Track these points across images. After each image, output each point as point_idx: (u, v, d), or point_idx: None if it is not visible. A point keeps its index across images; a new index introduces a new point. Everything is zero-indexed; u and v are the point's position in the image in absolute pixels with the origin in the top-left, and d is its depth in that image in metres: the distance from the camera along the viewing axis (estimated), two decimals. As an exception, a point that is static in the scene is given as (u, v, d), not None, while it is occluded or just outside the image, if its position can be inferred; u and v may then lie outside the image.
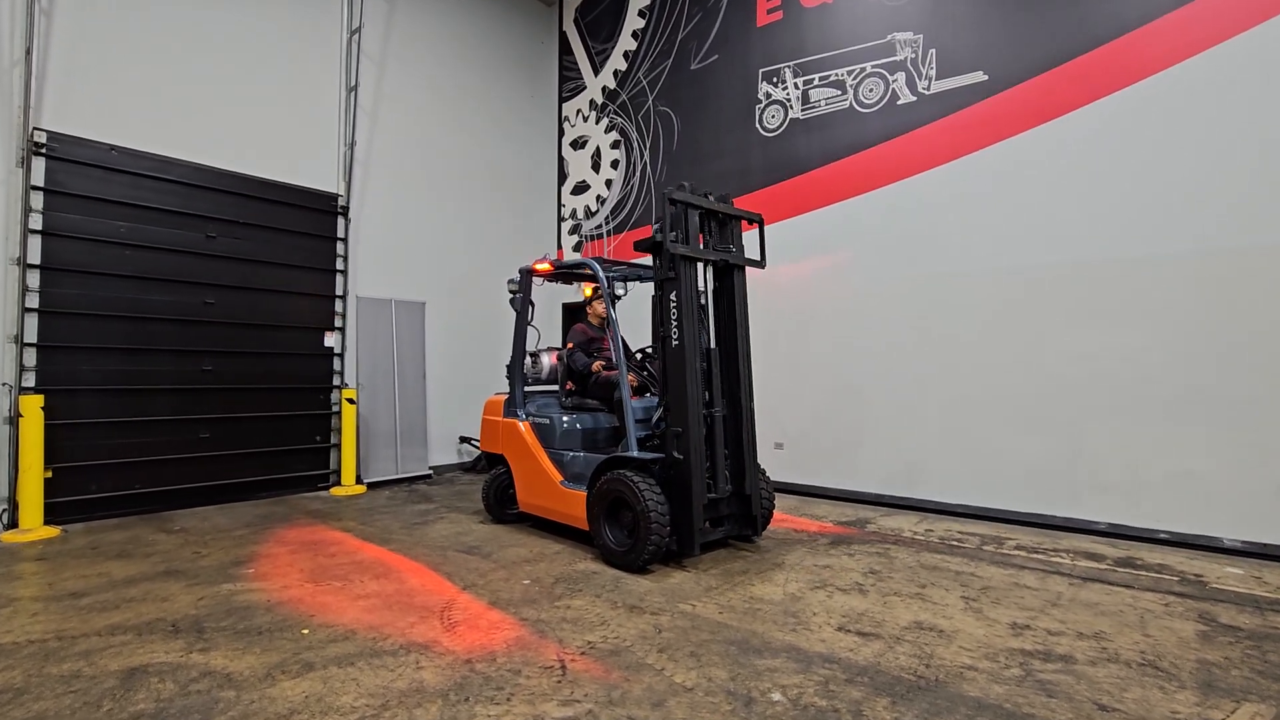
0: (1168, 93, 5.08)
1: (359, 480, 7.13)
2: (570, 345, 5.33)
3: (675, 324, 4.02)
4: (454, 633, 3.26)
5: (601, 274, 4.74)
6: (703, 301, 4.37)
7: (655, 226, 4.17)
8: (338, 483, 7.08)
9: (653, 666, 2.90)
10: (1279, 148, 4.65)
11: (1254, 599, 3.80)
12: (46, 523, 5.18)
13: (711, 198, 4.38)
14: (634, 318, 5.97)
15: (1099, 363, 5.32)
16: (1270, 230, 4.66)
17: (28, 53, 5.23)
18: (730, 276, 4.53)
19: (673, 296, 4.02)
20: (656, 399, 5.04)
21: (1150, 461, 5.09)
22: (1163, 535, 4.99)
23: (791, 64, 7.23)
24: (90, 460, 5.55)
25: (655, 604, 3.67)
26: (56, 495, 5.32)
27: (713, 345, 4.45)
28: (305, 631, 3.27)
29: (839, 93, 6.87)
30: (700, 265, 4.37)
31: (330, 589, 3.91)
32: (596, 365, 5.13)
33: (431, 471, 8.01)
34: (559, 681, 2.75)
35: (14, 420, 5.14)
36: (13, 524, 5.13)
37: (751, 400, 4.57)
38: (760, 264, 4.64)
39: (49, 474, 5.27)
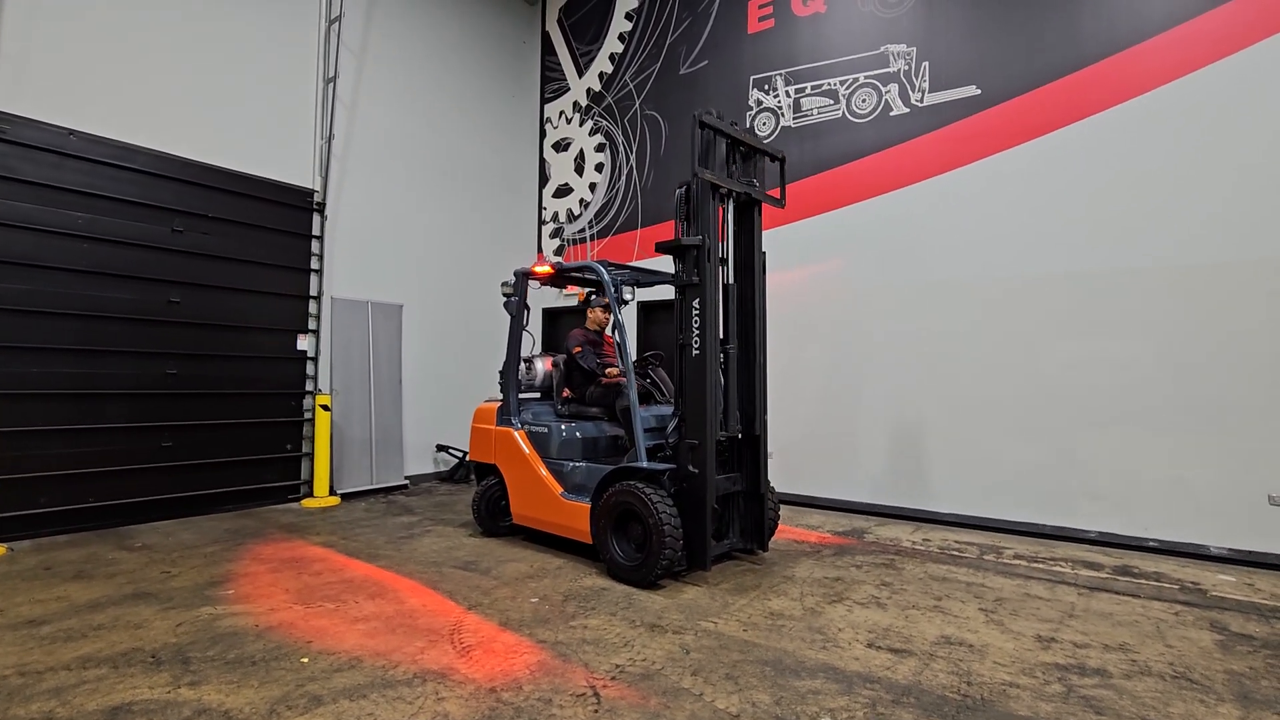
0: (1155, 112, 5.24)
1: (332, 491, 6.75)
2: (578, 349, 5.14)
3: (697, 332, 3.89)
4: (469, 658, 3.04)
5: (608, 278, 4.58)
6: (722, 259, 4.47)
7: (678, 193, 4.17)
8: (309, 494, 6.69)
9: (690, 691, 2.75)
10: (1260, 167, 4.83)
11: (1256, 607, 3.88)
12: (-11, 540, 4.71)
13: (737, 127, 4.43)
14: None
15: (1089, 372, 5.43)
16: (1255, 245, 4.83)
17: (-23, 25, 4.78)
18: (750, 215, 4.59)
19: (695, 304, 3.89)
20: (659, 407, 4.92)
21: (1140, 470, 5.20)
22: (1151, 543, 5.10)
23: (783, 72, 7.23)
24: (39, 471, 5.07)
25: (675, 622, 3.52)
26: (0, 510, 4.84)
27: (731, 280, 4.49)
28: (305, 660, 3.00)
29: (831, 102, 6.89)
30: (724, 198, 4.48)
31: (323, 611, 3.63)
32: (612, 371, 4.96)
33: (408, 481, 7.67)
34: (595, 711, 2.57)
35: (-47, 427, 4.66)
36: (-50, 542, 4.64)
37: (764, 338, 4.60)
38: (780, 203, 4.72)
39: (-8, 487, 4.80)
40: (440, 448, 8.25)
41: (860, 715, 2.57)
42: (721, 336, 4.37)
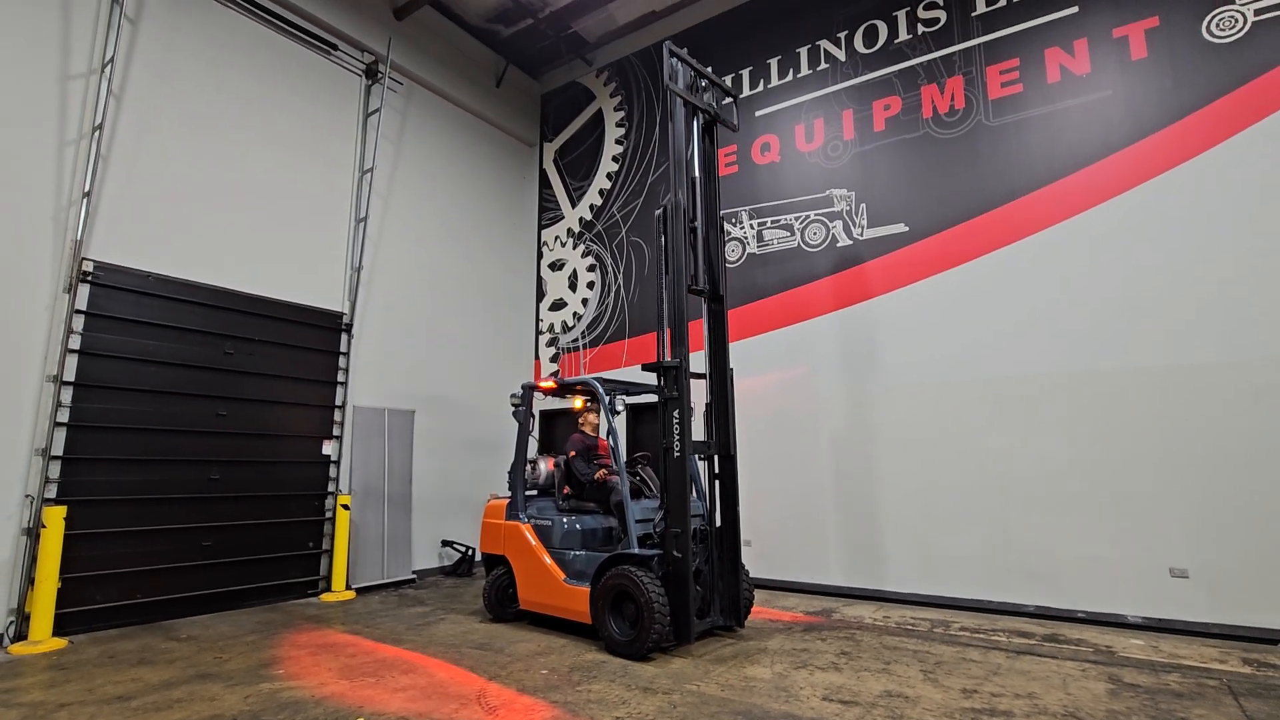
0: (1046, 246, 6.45)
1: (348, 586, 7.33)
2: (573, 454, 5.99)
3: (678, 437, 4.79)
4: (497, 715, 3.71)
5: (602, 392, 5.51)
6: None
7: (657, 214, 5.54)
8: (328, 589, 7.26)
9: (677, 734, 3.44)
10: (1136, 290, 5.97)
11: (1150, 664, 4.63)
12: (53, 634, 5.28)
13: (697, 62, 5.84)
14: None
15: (1016, 464, 6.34)
16: (1139, 354, 5.90)
17: (86, 194, 5.87)
18: (711, 134, 5.95)
19: (675, 414, 4.82)
20: (648, 501, 5.73)
21: (1065, 550, 6.02)
22: (1079, 615, 5.85)
23: (747, 208, 8.54)
24: (98, 570, 5.71)
25: (664, 685, 4.20)
26: (62, 606, 5.43)
27: (696, 174, 5.72)
28: (362, 719, 3.65)
29: (788, 234, 8.15)
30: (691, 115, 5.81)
31: (366, 684, 4.27)
32: (601, 474, 5.80)
33: (415, 576, 8.24)
34: (602, 749, 3.26)
35: (34, 532, 5.35)
36: (19, 636, 5.21)
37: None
38: (734, 127, 6.28)
39: (59, 585, 5.41)
40: (445, 543, 8.87)
41: (810, 747, 3.28)
42: (690, 214, 5.50)
